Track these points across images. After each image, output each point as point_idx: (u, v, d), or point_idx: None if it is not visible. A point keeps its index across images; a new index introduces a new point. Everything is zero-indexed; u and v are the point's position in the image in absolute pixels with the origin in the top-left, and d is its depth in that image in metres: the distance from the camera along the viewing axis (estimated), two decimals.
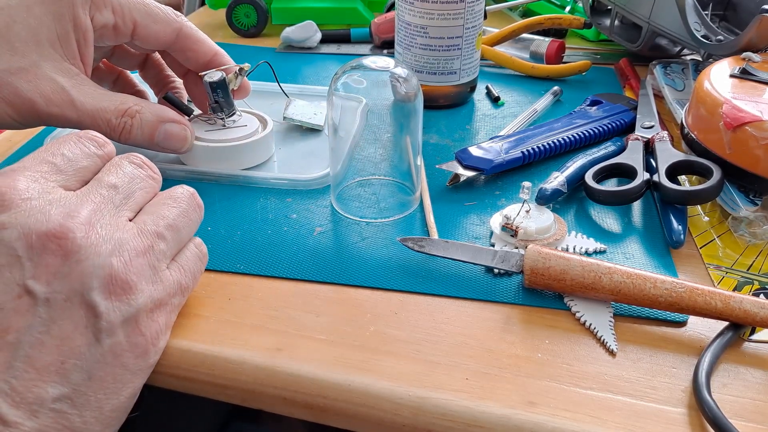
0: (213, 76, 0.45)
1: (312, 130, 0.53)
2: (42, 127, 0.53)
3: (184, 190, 0.35)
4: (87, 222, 0.29)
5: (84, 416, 0.28)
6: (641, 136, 0.48)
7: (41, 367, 0.27)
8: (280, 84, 0.53)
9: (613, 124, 0.52)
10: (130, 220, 0.32)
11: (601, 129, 0.52)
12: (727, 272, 0.39)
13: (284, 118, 0.52)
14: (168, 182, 0.36)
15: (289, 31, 0.71)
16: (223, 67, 0.47)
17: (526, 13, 0.84)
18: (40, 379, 0.27)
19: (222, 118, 0.47)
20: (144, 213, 0.33)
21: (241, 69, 0.47)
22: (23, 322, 0.27)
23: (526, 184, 0.40)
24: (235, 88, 0.47)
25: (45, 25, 0.40)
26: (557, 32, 0.73)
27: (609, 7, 0.67)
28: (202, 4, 0.94)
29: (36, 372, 0.27)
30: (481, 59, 0.60)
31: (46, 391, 0.27)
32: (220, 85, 0.45)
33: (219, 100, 0.46)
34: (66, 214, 0.29)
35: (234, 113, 0.48)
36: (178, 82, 0.51)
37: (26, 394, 0.26)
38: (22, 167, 0.30)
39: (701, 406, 0.29)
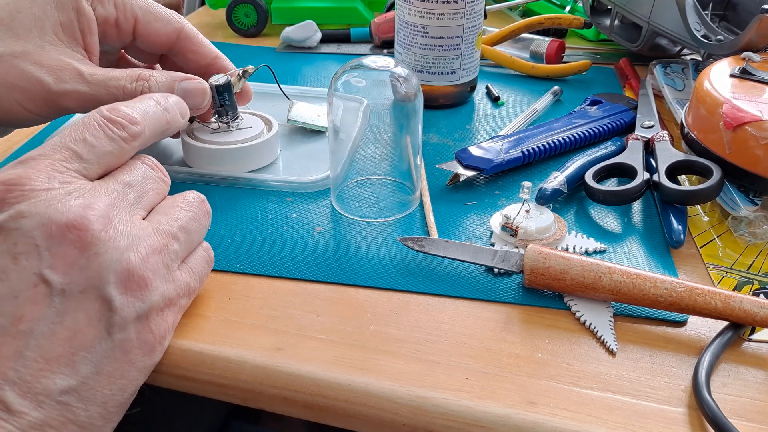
0: (219, 79, 0.45)
1: (315, 132, 0.52)
2: (42, 127, 0.53)
3: (195, 196, 0.35)
4: (105, 215, 0.29)
5: (89, 410, 0.28)
6: (641, 136, 0.48)
7: (51, 358, 0.27)
8: (281, 87, 0.53)
9: (613, 124, 0.52)
10: (143, 219, 0.32)
11: (601, 129, 0.52)
12: (727, 272, 0.39)
13: (288, 120, 0.52)
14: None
15: (289, 31, 0.71)
16: (229, 72, 0.47)
17: (526, 12, 0.84)
18: (49, 370, 0.27)
19: (226, 122, 0.47)
20: (157, 213, 0.33)
21: (245, 72, 0.47)
22: (37, 312, 0.27)
23: (526, 183, 0.40)
24: (238, 91, 0.47)
25: (48, 14, 0.40)
26: (557, 32, 0.73)
27: (609, 7, 0.67)
28: (202, 3, 0.94)
29: (46, 362, 0.27)
30: (481, 59, 0.60)
31: (54, 383, 0.27)
32: (226, 89, 0.45)
33: (225, 104, 0.46)
34: (85, 206, 0.29)
35: (237, 117, 0.48)
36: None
37: (34, 384, 0.26)
38: (42, 154, 0.30)
39: (701, 406, 0.29)
